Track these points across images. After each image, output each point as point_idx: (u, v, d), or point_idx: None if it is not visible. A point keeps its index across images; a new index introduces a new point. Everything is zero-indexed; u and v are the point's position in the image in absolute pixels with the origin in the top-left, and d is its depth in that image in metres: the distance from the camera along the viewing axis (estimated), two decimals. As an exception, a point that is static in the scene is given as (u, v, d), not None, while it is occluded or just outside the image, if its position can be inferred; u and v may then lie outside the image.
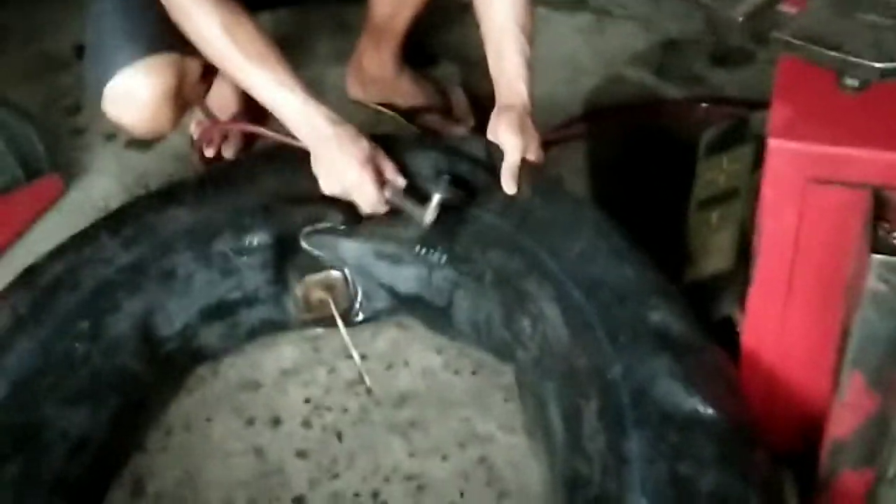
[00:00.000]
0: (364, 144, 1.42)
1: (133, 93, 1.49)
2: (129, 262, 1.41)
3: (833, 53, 0.94)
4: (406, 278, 1.48)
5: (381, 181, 1.43)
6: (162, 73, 1.49)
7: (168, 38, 1.46)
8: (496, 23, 1.47)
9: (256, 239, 1.47)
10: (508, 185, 1.41)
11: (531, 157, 1.42)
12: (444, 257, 1.43)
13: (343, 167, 1.41)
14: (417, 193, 1.44)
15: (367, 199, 1.43)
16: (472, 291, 1.43)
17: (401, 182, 1.44)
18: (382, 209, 1.44)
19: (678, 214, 1.48)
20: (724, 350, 1.28)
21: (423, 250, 1.44)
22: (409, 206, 1.42)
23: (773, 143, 1.09)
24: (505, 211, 1.42)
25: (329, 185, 1.44)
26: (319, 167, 1.44)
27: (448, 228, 1.41)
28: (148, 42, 1.49)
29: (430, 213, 1.40)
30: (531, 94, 1.45)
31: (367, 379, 1.50)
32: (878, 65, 0.92)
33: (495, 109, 1.46)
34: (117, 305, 1.39)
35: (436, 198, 1.39)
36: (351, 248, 1.48)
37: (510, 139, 1.40)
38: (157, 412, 1.48)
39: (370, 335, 1.58)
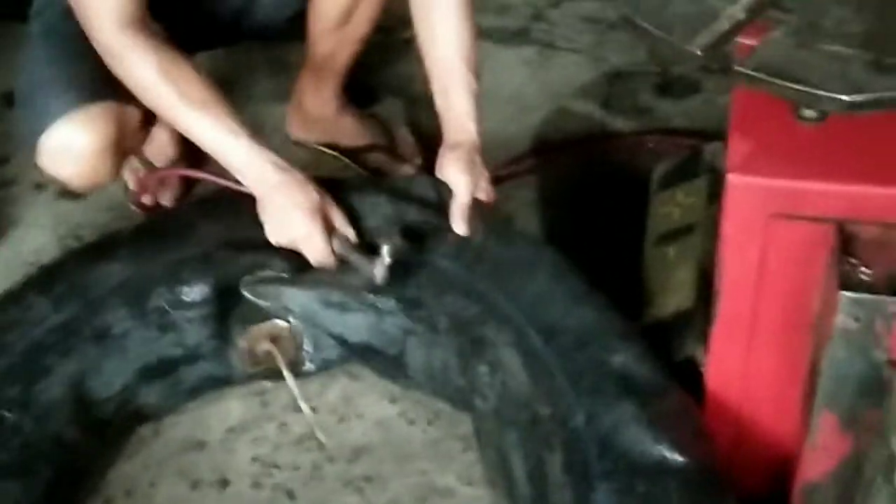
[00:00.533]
0: (312, 193, 1.37)
1: (71, 145, 1.42)
2: (59, 322, 1.35)
3: (798, 87, 0.90)
4: (355, 326, 1.43)
5: (330, 232, 1.38)
6: (101, 123, 1.43)
7: (106, 85, 1.39)
8: (441, 59, 1.44)
9: (195, 291, 1.40)
10: (459, 226, 1.37)
11: (481, 195, 1.39)
12: (395, 304, 1.38)
13: (290, 219, 1.36)
14: (368, 244, 1.38)
15: (316, 251, 1.38)
16: (425, 339, 1.38)
17: (350, 234, 1.39)
18: (331, 262, 1.39)
19: (633, 251, 1.44)
20: (688, 391, 1.24)
21: (373, 297, 1.39)
22: (359, 261, 1.37)
23: (732, 179, 1.06)
24: (458, 254, 1.38)
25: (275, 235, 1.39)
26: (266, 216, 1.39)
27: (399, 274, 1.36)
28: (85, 90, 1.42)
29: (380, 273, 1.34)
30: (480, 131, 1.42)
31: (319, 434, 1.44)
32: (846, 97, 0.89)
33: (442, 148, 1.43)
34: (48, 369, 1.32)
35: (385, 255, 1.33)
36: (296, 296, 1.42)
37: (459, 178, 1.37)
38: (96, 479, 1.40)
39: (320, 386, 1.52)
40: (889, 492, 1.00)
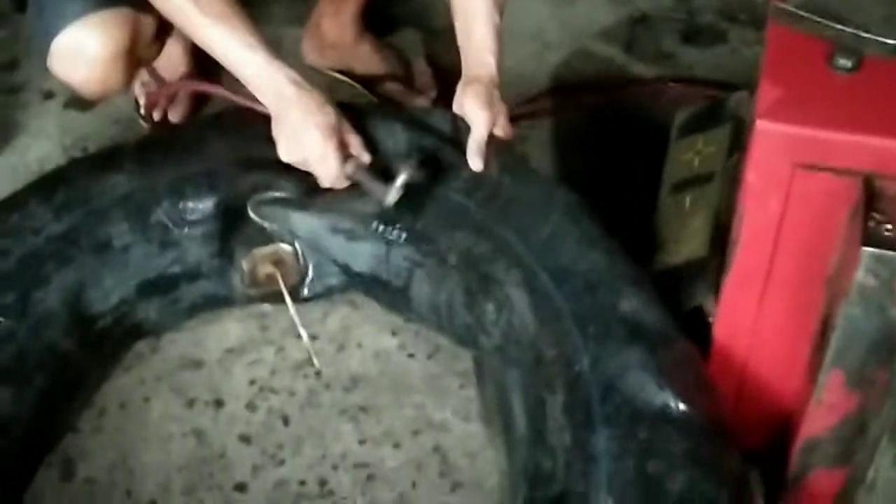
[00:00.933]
0: (330, 113, 1.34)
1: (84, 49, 1.39)
2: (60, 231, 1.32)
3: (842, 28, 0.87)
4: (362, 255, 1.40)
5: (345, 155, 1.35)
6: (115, 30, 1.39)
7: None
8: None
9: (198, 209, 1.38)
10: (475, 161, 1.34)
11: (499, 132, 1.36)
12: (404, 235, 1.35)
13: (306, 136, 1.33)
14: (381, 170, 1.36)
15: (328, 172, 1.35)
16: (433, 273, 1.36)
17: (365, 158, 1.36)
18: (343, 184, 1.36)
19: (649, 197, 1.41)
20: (695, 341, 1.22)
21: (381, 227, 1.36)
22: (371, 184, 1.34)
23: (759, 125, 1.02)
24: (471, 190, 1.35)
25: (289, 153, 1.36)
26: (280, 133, 1.35)
27: (410, 205, 1.34)
28: None
29: (392, 194, 1.32)
30: (500, 67, 1.39)
31: (315, 361, 1.43)
32: (890, 41, 0.85)
33: (461, 81, 1.39)
34: (46, 278, 1.30)
35: (400, 178, 1.31)
36: (303, 221, 1.40)
37: (478, 113, 1.33)
38: (90, 391, 1.39)
39: (321, 314, 1.51)
40: (895, 453, 0.99)
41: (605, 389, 1.12)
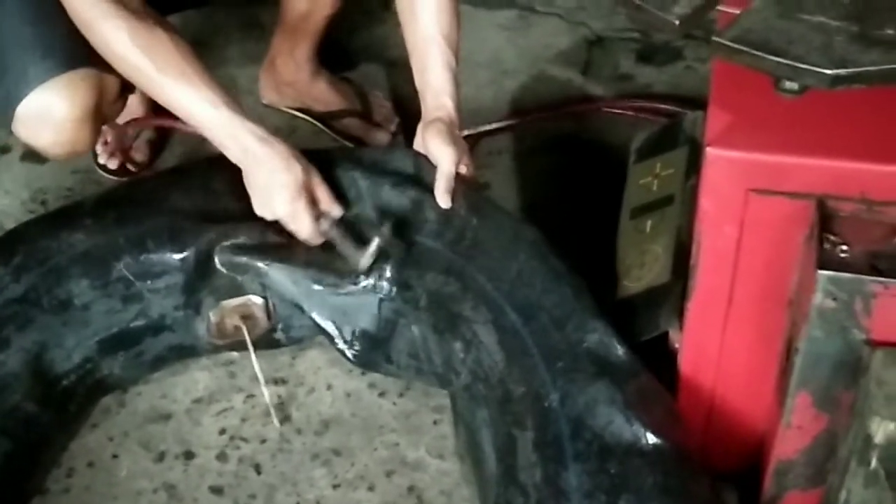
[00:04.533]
0: (296, 169, 1.32)
1: (50, 113, 1.36)
2: (19, 293, 1.31)
3: (780, 60, 0.87)
4: (352, 311, 1.38)
5: (316, 211, 1.34)
6: (81, 92, 1.37)
7: (84, 51, 1.33)
8: (421, 34, 1.40)
9: (162, 262, 1.37)
10: (443, 199, 1.34)
11: (463, 170, 1.36)
12: (395, 289, 1.35)
13: (275, 196, 1.32)
14: (351, 224, 1.36)
15: (302, 231, 1.35)
16: (411, 318, 1.35)
17: (336, 212, 1.36)
18: (318, 241, 1.36)
19: (610, 222, 1.41)
20: (662, 367, 1.22)
21: (372, 282, 1.35)
22: (344, 246, 1.35)
23: (710, 153, 1.02)
24: (440, 231, 1.35)
25: (261, 208, 1.35)
26: (251, 188, 1.35)
27: (391, 257, 1.34)
28: (64, 55, 1.36)
29: (366, 259, 1.32)
30: (458, 109, 1.39)
31: (274, 418, 1.41)
32: (828, 71, 0.86)
33: (422, 122, 1.40)
34: (6, 341, 1.29)
35: (374, 244, 1.32)
36: (280, 275, 1.38)
37: (443, 149, 1.34)
38: (57, 451, 1.37)
39: (290, 357, 1.50)
40: (865, 474, 0.98)
41: (575, 425, 1.11)
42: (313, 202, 1.34)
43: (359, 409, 1.44)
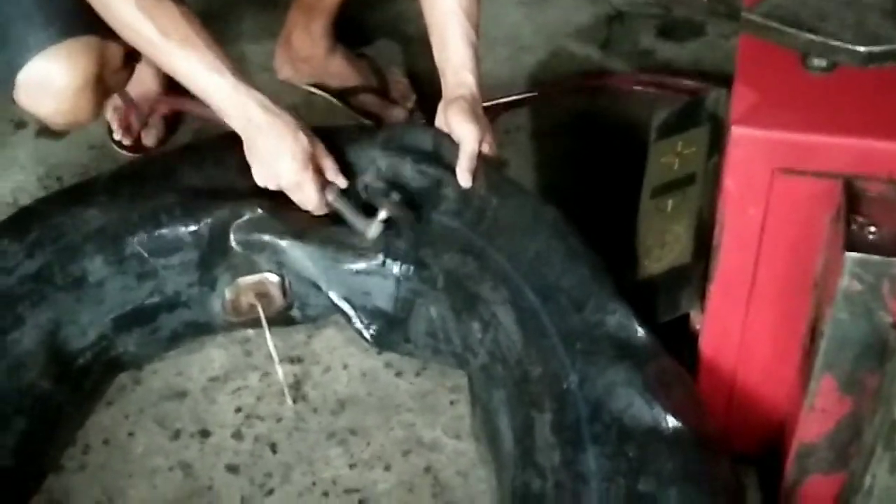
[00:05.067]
0: (302, 138, 1.31)
1: (50, 81, 1.35)
2: (33, 269, 1.30)
3: (811, 36, 0.84)
4: (370, 291, 1.37)
5: (322, 181, 1.33)
6: (82, 59, 1.36)
7: (86, 18, 1.32)
8: (440, 8, 1.38)
9: (176, 238, 1.36)
10: (464, 178, 1.32)
11: (485, 149, 1.34)
12: (412, 269, 1.33)
13: (280, 164, 1.31)
14: (362, 198, 1.34)
15: (307, 201, 1.34)
16: (429, 298, 1.34)
17: (341, 182, 1.35)
18: (322, 212, 1.35)
19: (631, 201, 1.39)
20: (683, 349, 1.20)
21: (390, 262, 1.34)
22: (351, 216, 1.33)
23: (735, 131, 1.00)
24: (459, 211, 1.33)
25: (264, 179, 1.34)
26: (253, 159, 1.33)
27: (407, 235, 1.33)
28: (65, 23, 1.35)
29: (374, 229, 1.31)
30: (480, 85, 1.37)
31: (288, 398, 1.40)
32: (861, 48, 0.83)
33: (443, 100, 1.38)
34: (21, 318, 1.28)
35: (382, 213, 1.31)
36: (297, 253, 1.36)
37: (466, 127, 1.32)
38: (73, 429, 1.37)
39: (305, 336, 1.49)
40: (891, 459, 0.97)
41: (593, 407, 1.10)
42: (319, 172, 1.33)
43: (375, 389, 1.43)
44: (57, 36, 1.35)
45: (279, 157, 1.30)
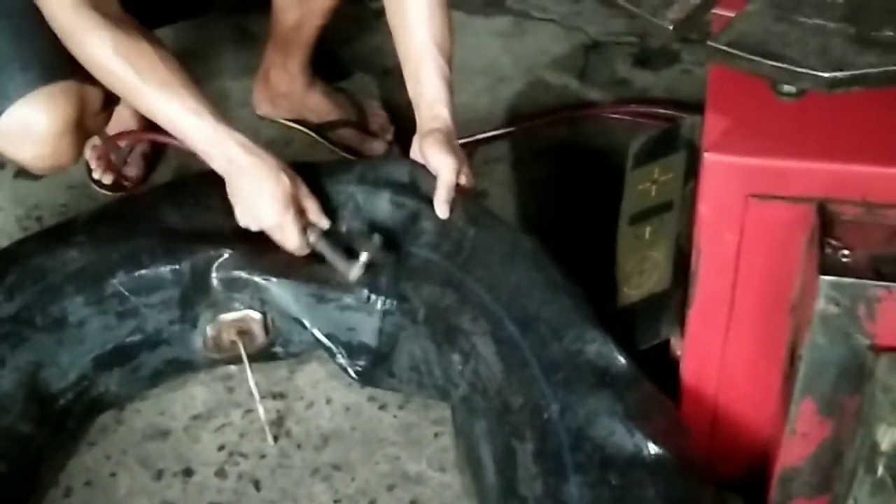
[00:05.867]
0: (283, 180, 1.32)
1: (30, 126, 1.35)
2: (12, 311, 1.30)
3: (775, 64, 0.85)
4: (354, 326, 1.37)
5: (304, 222, 1.34)
6: (62, 104, 1.36)
7: (65, 63, 1.32)
8: (413, 44, 1.39)
9: (157, 276, 1.36)
10: (442, 209, 1.33)
11: (462, 180, 1.35)
12: (396, 303, 1.34)
13: (261, 207, 1.32)
14: (340, 235, 1.35)
15: (288, 243, 1.34)
16: (410, 332, 1.34)
17: (324, 224, 1.35)
18: (304, 253, 1.35)
19: (609, 230, 1.40)
20: (664, 375, 1.20)
21: (374, 297, 1.34)
22: (333, 257, 1.34)
23: (708, 158, 1.01)
24: (437, 244, 1.34)
25: (246, 220, 1.35)
26: (236, 200, 1.34)
27: (387, 270, 1.33)
28: (44, 68, 1.35)
29: (356, 271, 1.32)
30: (454, 118, 1.38)
31: (269, 436, 1.39)
32: (825, 74, 0.84)
33: (418, 133, 1.39)
34: (0, 361, 1.27)
35: (363, 256, 1.32)
36: (279, 290, 1.37)
37: (443, 159, 1.33)
38: (55, 470, 1.35)
39: (288, 372, 1.48)
40: (872, 481, 0.97)
41: (575, 436, 1.10)
42: (301, 213, 1.33)
43: (359, 423, 1.42)
44: (36, 81, 1.35)
45: (260, 198, 1.31)
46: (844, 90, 0.86)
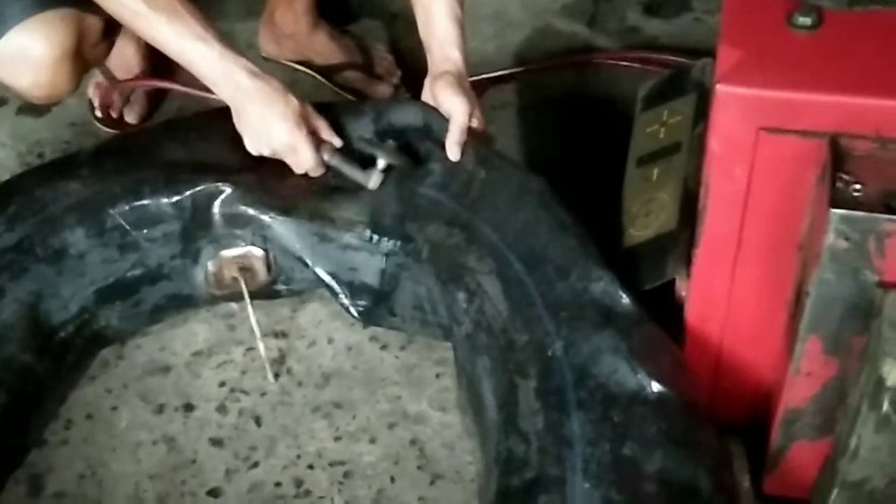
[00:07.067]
0: (293, 100, 1.32)
1: (27, 53, 1.35)
2: (13, 241, 1.29)
3: (794, -21, 0.84)
4: (357, 266, 1.36)
5: (316, 141, 1.32)
6: (59, 32, 1.35)
7: None
8: None
9: (158, 209, 1.34)
10: (454, 151, 1.32)
11: (474, 123, 1.34)
12: (399, 244, 1.33)
13: (273, 128, 1.30)
14: (353, 153, 1.34)
15: (303, 162, 1.33)
16: (414, 271, 1.33)
17: (337, 142, 1.34)
18: (320, 172, 1.34)
19: (617, 172, 1.39)
20: (669, 315, 1.19)
21: (376, 237, 1.33)
22: (350, 169, 1.33)
23: (720, 90, 0.99)
24: (444, 184, 1.32)
25: (257, 146, 1.33)
26: (244, 127, 1.33)
27: (392, 208, 1.32)
28: None
29: (375, 178, 1.31)
30: (466, 60, 1.36)
31: (269, 374, 1.39)
32: (846, -9, 0.82)
33: (429, 75, 1.37)
34: (1, 291, 1.27)
35: (381, 162, 1.31)
36: (282, 228, 1.36)
37: (456, 101, 1.32)
38: (55, 403, 1.36)
39: (290, 310, 1.47)
40: (876, 418, 0.96)
41: (578, 373, 1.09)
42: (312, 133, 1.32)
43: (360, 363, 1.42)
44: (33, 7, 1.34)
45: (271, 121, 1.30)
46: (864, 7, 0.84)
